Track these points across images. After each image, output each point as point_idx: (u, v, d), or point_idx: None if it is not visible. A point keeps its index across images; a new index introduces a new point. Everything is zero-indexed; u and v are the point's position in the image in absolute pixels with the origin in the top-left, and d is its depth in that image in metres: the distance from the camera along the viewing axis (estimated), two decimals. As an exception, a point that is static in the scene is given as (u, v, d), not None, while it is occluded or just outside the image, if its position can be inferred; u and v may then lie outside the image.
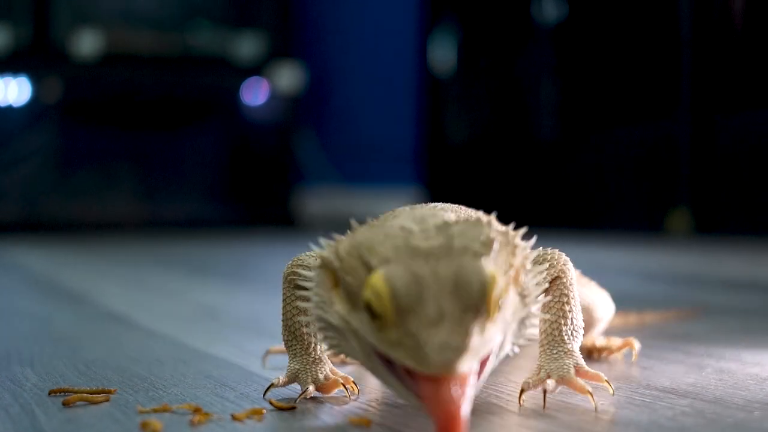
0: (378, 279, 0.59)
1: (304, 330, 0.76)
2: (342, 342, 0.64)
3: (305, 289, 0.70)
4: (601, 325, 0.96)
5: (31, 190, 4.10)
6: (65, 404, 0.71)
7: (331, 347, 0.65)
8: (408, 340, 0.56)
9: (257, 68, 4.30)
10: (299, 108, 4.51)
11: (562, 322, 0.75)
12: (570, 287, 0.75)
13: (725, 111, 3.29)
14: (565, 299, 0.75)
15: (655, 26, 3.56)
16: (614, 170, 3.65)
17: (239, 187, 4.45)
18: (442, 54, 4.43)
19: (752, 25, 3.22)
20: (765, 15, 3.18)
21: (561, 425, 0.65)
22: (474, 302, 0.57)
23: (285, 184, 4.45)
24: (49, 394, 0.76)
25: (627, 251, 2.85)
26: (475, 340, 0.56)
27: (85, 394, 0.74)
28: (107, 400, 0.73)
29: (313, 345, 0.76)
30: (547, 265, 0.74)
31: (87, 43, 3.99)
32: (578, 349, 0.75)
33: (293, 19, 4.55)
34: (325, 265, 0.65)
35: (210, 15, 4.34)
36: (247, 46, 4.26)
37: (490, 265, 0.60)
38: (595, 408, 0.70)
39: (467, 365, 0.55)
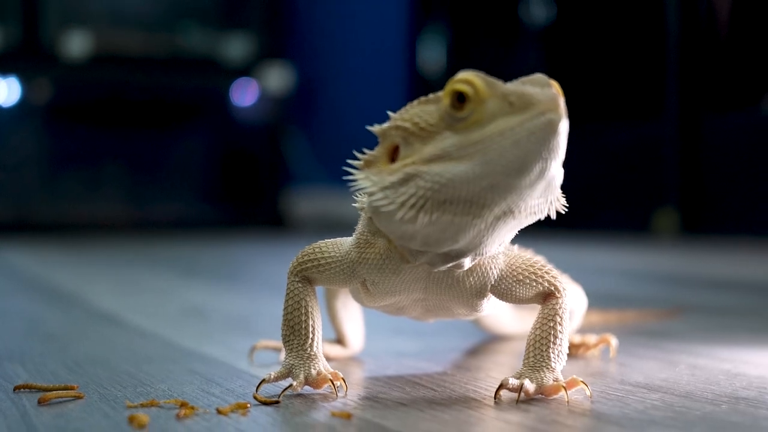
0: (460, 74, 0.68)
1: (303, 325, 0.78)
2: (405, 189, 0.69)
3: (326, 264, 0.79)
4: (575, 319, 0.98)
5: (20, 190, 4.10)
6: (40, 402, 0.73)
7: (402, 205, 0.69)
8: (503, 103, 0.67)
9: (246, 69, 4.31)
10: (288, 108, 4.53)
11: (551, 340, 0.76)
12: (564, 311, 0.78)
13: (712, 111, 3.32)
14: (558, 320, 0.77)
15: (642, 27, 3.59)
16: (601, 170, 3.68)
17: (228, 187, 4.46)
18: (431, 55, 4.45)
19: (738, 26, 3.25)
20: (751, 16, 3.21)
21: (534, 418, 0.68)
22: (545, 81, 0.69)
23: (274, 185, 4.46)
24: (14, 390, 0.78)
25: (612, 251, 2.87)
26: None
27: (57, 391, 0.75)
28: (81, 397, 0.75)
29: (310, 341, 0.78)
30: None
31: (76, 44, 4.00)
32: (560, 372, 0.76)
33: (282, 20, 4.56)
34: (384, 136, 0.72)
35: (199, 16, 4.36)
36: (236, 47, 4.28)
37: None
38: (568, 402, 0.72)
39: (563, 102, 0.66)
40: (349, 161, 0.73)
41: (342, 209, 4.17)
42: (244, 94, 4.37)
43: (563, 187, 0.71)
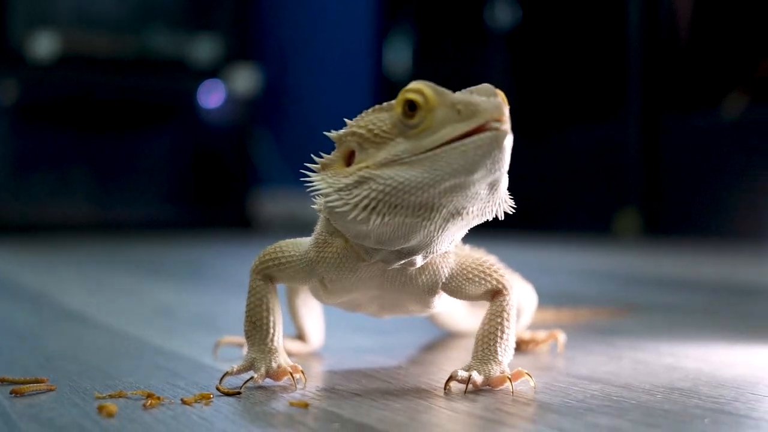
0: (411, 84, 0.73)
1: (264, 321, 0.83)
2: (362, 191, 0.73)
3: (287, 263, 0.84)
4: (525, 316, 1.03)
5: (-13, 191, 4.12)
6: (15, 393, 0.77)
7: (354, 207, 0.73)
8: (451, 111, 0.71)
9: (214, 71, 4.34)
10: (256, 110, 4.56)
11: (499, 335, 0.81)
12: (511, 307, 0.82)
13: (672, 114, 3.38)
14: (506, 316, 0.81)
15: (604, 31, 3.64)
16: (563, 171, 3.73)
17: (196, 189, 4.48)
18: (398, 56, 4.49)
19: (699, 30, 3.31)
20: (712, 20, 3.27)
21: (481, 407, 0.72)
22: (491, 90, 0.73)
23: (241, 186, 4.49)
24: None
25: (573, 252, 2.93)
26: None
27: (31, 384, 0.79)
28: (53, 389, 0.79)
29: (271, 335, 0.82)
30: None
31: (43, 45, 4.01)
32: (507, 365, 0.81)
33: (250, 22, 4.59)
34: (340, 141, 0.77)
35: (166, 17, 4.38)
36: (203, 49, 4.31)
37: None
38: (513, 392, 0.77)
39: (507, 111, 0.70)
40: (307, 164, 0.77)
41: (310, 210, 4.20)
42: (212, 96, 4.40)
43: (527, 189, 0.76)
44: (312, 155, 0.77)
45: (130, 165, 4.35)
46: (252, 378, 0.80)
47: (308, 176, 0.77)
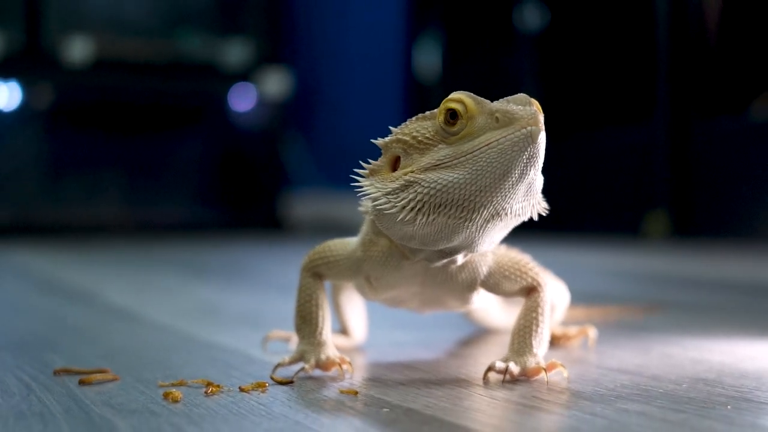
0: (452, 94, 0.79)
1: (314, 315, 0.88)
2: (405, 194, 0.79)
3: (335, 261, 0.89)
4: (557, 312, 1.08)
5: (22, 194, 4.18)
6: (82, 383, 0.82)
7: (401, 208, 0.79)
8: (490, 119, 0.77)
9: (245, 74, 4.39)
10: (286, 113, 4.61)
11: (534, 329, 0.86)
12: (546, 303, 0.88)
13: (702, 117, 3.40)
14: (540, 311, 0.87)
15: (633, 33, 3.67)
16: (593, 174, 3.77)
17: (228, 191, 4.54)
18: (427, 60, 4.54)
19: (728, 33, 3.34)
20: (740, 23, 3.30)
21: (518, 395, 0.78)
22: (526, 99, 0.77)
23: (272, 188, 4.54)
24: (54, 373, 0.87)
25: (603, 253, 2.97)
26: None
27: (96, 374, 0.85)
28: (117, 379, 0.84)
29: (320, 329, 0.88)
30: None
31: (78, 49, 4.08)
32: (542, 357, 0.86)
33: (281, 26, 4.65)
34: (386, 148, 0.82)
35: (198, 22, 4.44)
36: (234, 53, 4.36)
37: None
38: (547, 382, 0.82)
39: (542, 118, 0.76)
40: (356, 170, 0.83)
41: (338, 212, 4.26)
42: (243, 99, 4.45)
43: (558, 191, 0.81)
44: (360, 161, 0.83)
45: (162, 167, 4.42)
46: (303, 368, 0.85)
47: (358, 181, 0.82)
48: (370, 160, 0.83)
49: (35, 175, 4.21)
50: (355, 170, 0.83)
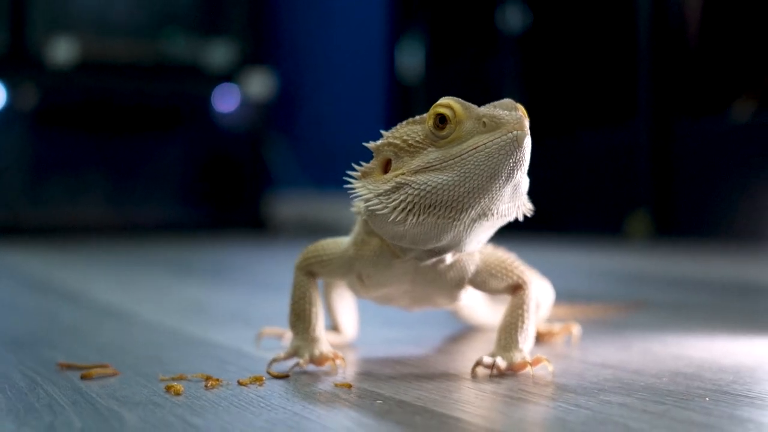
0: (441, 100, 0.82)
1: (307, 312, 0.92)
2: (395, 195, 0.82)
3: (328, 260, 0.93)
4: (542, 310, 1.11)
5: (6, 194, 4.19)
6: (84, 378, 0.85)
7: (393, 209, 0.82)
8: (477, 123, 0.80)
9: (228, 75, 4.41)
10: (270, 114, 4.63)
11: (520, 325, 0.90)
12: (531, 300, 0.91)
13: (683, 117, 3.44)
14: (526, 308, 0.90)
15: (615, 34, 3.71)
16: (575, 174, 3.80)
17: (211, 191, 4.56)
18: (410, 61, 4.56)
19: (709, 34, 3.38)
20: (722, 23, 3.34)
21: (505, 388, 0.81)
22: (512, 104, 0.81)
23: (255, 189, 4.56)
24: (58, 366, 0.90)
25: (585, 253, 3.00)
26: None
27: (97, 369, 0.88)
28: (118, 374, 0.87)
29: (313, 325, 0.91)
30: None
31: (62, 50, 4.09)
32: (528, 352, 0.89)
33: (264, 27, 4.67)
34: (378, 151, 0.85)
35: (182, 23, 4.46)
36: (218, 54, 4.38)
37: None
38: (533, 376, 0.85)
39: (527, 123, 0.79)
40: (348, 172, 0.86)
41: (322, 212, 4.29)
42: (227, 100, 4.47)
43: (541, 192, 0.84)
44: (353, 164, 0.86)
45: (146, 168, 4.43)
46: (297, 363, 0.88)
47: (350, 183, 0.85)
48: (362, 163, 0.86)
49: (20, 176, 4.22)
50: (348, 172, 0.86)
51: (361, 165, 0.86)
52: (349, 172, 0.86)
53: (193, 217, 4.47)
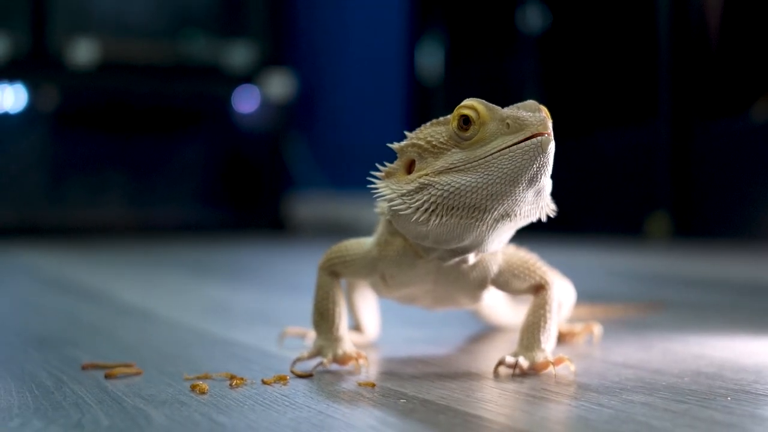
0: (465, 101, 0.82)
1: (331, 312, 0.92)
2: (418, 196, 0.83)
3: (351, 260, 0.93)
4: (564, 310, 1.11)
5: (27, 195, 4.21)
6: (108, 377, 0.86)
7: (415, 209, 0.82)
8: (501, 125, 0.80)
9: (248, 76, 4.42)
10: (290, 115, 4.64)
11: (542, 325, 0.90)
12: (553, 300, 0.91)
13: (703, 118, 3.43)
14: (548, 308, 0.91)
15: (635, 35, 3.71)
16: (596, 175, 3.80)
17: (231, 192, 4.58)
18: (429, 62, 4.57)
19: (729, 35, 3.37)
20: (742, 24, 3.33)
21: (527, 387, 0.81)
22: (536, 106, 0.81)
23: (275, 190, 4.57)
24: (82, 368, 0.91)
25: (605, 254, 3.00)
26: None
27: (121, 367, 0.89)
28: (141, 372, 0.88)
29: (336, 325, 0.92)
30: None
31: (83, 52, 4.11)
32: (550, 352, 0.90)
33: (284, 28, 4.68)
34: (402, 152, 0.86)
35: (202, 24, 4.48)
36: (238, 55, 4.40)
37: None
38: (555, 375, 0.86)
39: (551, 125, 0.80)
40: (372, 173, 0.86)
41: (341, 213, 4.30)
42: (247, 101, 4.49)
43: (561, 192, 0.85)
44: (377, 164, 0.87)
45: (166, 169, 4.45)
46: (321, 363, 0.89)
47: (374, 183, 0.86)
48: (386, 163, 0.87)
49: (41, 177, 4.25)
50: (372, 173, 0.86)
51: (384, 165, 0.87)
52: (373, 173, 0.87)
53: (213, 218, 4.48)
